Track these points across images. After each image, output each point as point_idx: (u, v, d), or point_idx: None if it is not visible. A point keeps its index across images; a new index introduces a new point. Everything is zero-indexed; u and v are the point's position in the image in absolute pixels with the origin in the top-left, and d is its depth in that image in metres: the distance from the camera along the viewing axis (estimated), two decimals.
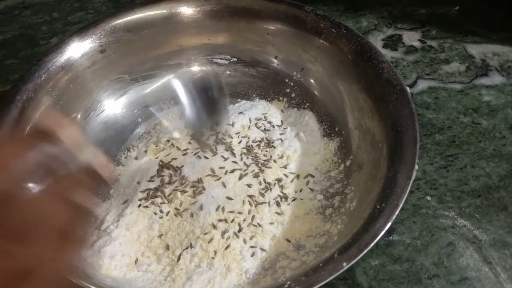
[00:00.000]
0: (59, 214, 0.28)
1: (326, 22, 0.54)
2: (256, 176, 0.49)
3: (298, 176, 0.50)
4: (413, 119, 0.44)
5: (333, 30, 0.53)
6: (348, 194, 0.47)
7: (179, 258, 0.43)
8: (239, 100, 0.58)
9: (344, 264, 0.35)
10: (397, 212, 0.37)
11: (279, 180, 0.49)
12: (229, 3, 0.57)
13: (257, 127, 0.54)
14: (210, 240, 0.44)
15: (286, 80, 0.58)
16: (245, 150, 0.51)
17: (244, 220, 0.45)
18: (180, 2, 0.57)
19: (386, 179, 0.40)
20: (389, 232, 0.46)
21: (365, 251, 0.35)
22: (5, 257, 0.25)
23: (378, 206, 0.38)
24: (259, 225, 0.45)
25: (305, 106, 0.56)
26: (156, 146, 0.53)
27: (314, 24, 0.54)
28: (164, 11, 0.57)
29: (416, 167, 0.40)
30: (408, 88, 0.47)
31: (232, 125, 0.54)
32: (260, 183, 0.48)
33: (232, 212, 0.46)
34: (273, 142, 0.53)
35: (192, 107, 0.50)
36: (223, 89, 0.52)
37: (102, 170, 0.32)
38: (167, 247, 0.44)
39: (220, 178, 0.48)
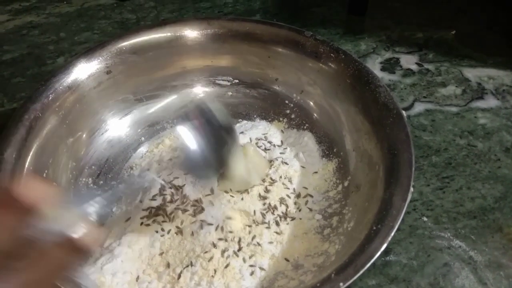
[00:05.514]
0: None
1: (325, 47, 0.55)
2: (258, 195, 0.50)
3: (297, 196, 0.51)
4: (408, 142, 0.45)
5: (331, 54, 0.55)
6: (346, 214, 0.47)
7: (179, 276, 0.44)
8: (240, 120, 0.60)
9: (341, 284, 0.35)
10: (392, 234, 0.38)
11: (282, 200, 0.50)
12: (232, 27, 0.59)
13: (257, 147, 0.55)
14: (210, 259, 0.44)
15: (286, 102, 0.59)
16: None
17: (244, 239, 0.46)
18: (184, 26, 0.59)
19: (382, 201, 0.41)
20: (386, 252, 0.46)
21: (361, 272, 0.36)
22: None
23: (375, 228, 0.39)
24: (259, 244, 0.46)
25: (305, 127, 0.58)
26: (159, 164, 0.54)
27: (314, 49, 0.56)
28: (169, 34, 0.59)
29: (412, 189, 0.41)
30: (404, 112, 0.48)
31: None
32: (264, 204, 0.49)
33: (231, 231, 0.46)
34: (273, 162, 0.54)
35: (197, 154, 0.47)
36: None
37: (85, 238, 0.28)
38: (168, 265, 0.45)
39: (219, 197, 0.49)
